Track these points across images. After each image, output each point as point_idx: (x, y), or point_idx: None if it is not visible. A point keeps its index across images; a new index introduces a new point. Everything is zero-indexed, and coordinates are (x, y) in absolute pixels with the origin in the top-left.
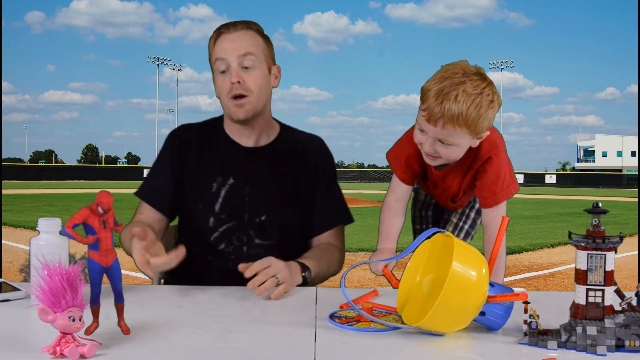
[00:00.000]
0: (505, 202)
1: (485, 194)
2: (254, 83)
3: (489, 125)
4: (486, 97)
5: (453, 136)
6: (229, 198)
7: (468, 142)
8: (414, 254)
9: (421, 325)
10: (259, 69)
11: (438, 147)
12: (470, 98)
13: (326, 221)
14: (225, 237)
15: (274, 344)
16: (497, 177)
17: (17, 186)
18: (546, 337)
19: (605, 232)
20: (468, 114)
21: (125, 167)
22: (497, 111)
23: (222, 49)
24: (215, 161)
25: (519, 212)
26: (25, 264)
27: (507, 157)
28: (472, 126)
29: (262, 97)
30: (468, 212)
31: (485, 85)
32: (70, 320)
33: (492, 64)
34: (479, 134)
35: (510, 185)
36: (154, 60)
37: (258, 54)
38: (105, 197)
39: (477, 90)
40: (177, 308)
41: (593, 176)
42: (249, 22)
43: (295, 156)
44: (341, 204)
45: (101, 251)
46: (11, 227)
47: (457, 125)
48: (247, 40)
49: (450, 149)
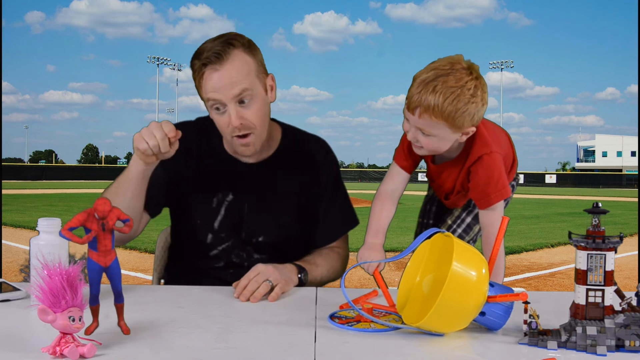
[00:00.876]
0: (501, 203)
1: (477, 195)
2: (256, 118)
3: (473, 121)
4: (467, 92)
5: (431, 127)
6: (228, 216)
7: (449, 135)
8: (413, 254)
9: (421, 325)
10: (257, 99)
11: (419, 137)
12: (450, 90)
13: (330, 233)
14: (224, 256)
15: (274, 344)
16: (489, 178)
17: (17, 186)
18: (546, 337)
19: (605, 232)
20: (444, 107)
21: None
22: (480, 108)
23: (213, 88)
24: (215, 175)
25: (519, 212)
26: (25, 264)
27: (506, 153)
28: (449, 119)
29: (265, 125)
30: (464, 216)
31: (470, 79)
32: (70, 320)
33: (492, 64)
34: (460, 128)
35: (505, 188)
36: (154, 60)
37: (253, 83)
38: (102, 205)
39: (459, 83)
40: (177, 308)
41: (593, 176)
42: (231, 41)
43: (298, 168)
44: (345, 210)
45: (100, 251)
46: (11, 227)
47: (434, 116)
48: (239, 71)
49: (430, 140)
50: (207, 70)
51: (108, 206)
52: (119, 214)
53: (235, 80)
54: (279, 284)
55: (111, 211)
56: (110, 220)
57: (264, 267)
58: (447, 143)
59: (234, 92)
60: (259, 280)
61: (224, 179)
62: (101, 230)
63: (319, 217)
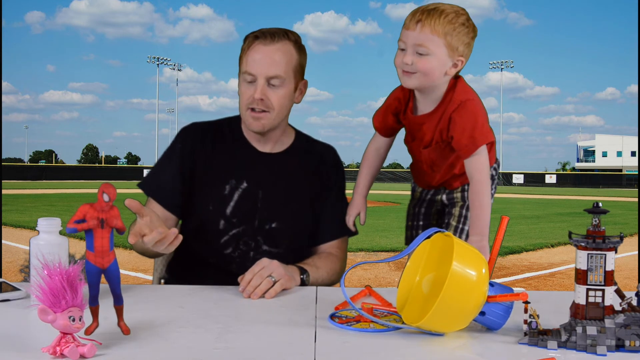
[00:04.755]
0: (485, 149)
1: (464, 140)
2: (277, 101)
3: (464, 50)
4: (462, 17)
5: (430, 41)
6: (241, 202)
7: (444, 58)
8: (413, 253)
9: (421, 325)
10: (285, 87)
11: (416, 60)
12: (446, 11)
13: (331, 231)
14: (234, 241)
15: (274, 344)
16: (475, 121)
17: (17, 186)
18: (546, 337)
19: (605, 232)
20: (444, 22)
21: (125, 167)
22: (471, 36)
23: (253, 61)
24: (229, 163)
25: (519, 212)
26: (25, 264)
27: (482, 108)
28: (447, 36)
29: (282, 114)
30: (465, 212)
31: (461, 9)
32: (70, 320)
33: (492, 64)
34: (454, 52)
35: (489, 131)
36: (154, 60)
37: (288, 73)
38: (111, 187)
39: (453, 8)
40: (177, 308)
41: (593, 176)
42: (287, 32)
43: (309, 165)
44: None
45: (96, 252)
46: (11, 227)
47: (434, 30)
48: (280, 58)
49: (427, 59)
50: (257, 44)
51: (113, 193)
52: (118, 219)
53: (275, 63)
54: (280, 280)
55: (112, 209)
56: (111, 219)
57: (268, 261)
58: (440, 66)
59: (268, 72)
60: (263, 275)
61: (239, 165)
62: (99, 227)
63: (322, 215)
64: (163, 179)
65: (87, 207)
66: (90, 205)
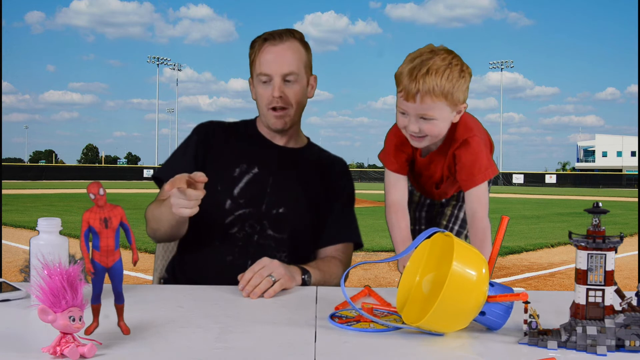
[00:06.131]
0: (485, 183)
1: (463, 176)
2: (294, 97)
3: (465, 96)
4: (456, 68)
5: (433, 109)
6: (250, 185)
7: (448, 115)
8: (413, 253)
9: (421, 325)
10: (300, 83)
11: (421, 125)
12: (441, 70)
13: (337, 234)
14: (239, 222)
15: (274, 344)
16: (475, 160)
17: (17, 186)
18: (546, 337)
19: (606, 232)
20: (442, 85)
21: (125, 167)
22: (468, 81)
23: (266, 62)
24: (243, 150)
25: (519, 212)
26: (25, 264)
27: (486, 140)
28: (448, 96)
29: (300, 109)
30: (457, 212)
31: (452, 57)
32: (70, 320)
33: (492, 64)
34: (457, 105)
35: (489, 168)
36: (154, 60)
37: (300, 69)
38: (94, 186)
39: (445, 62)
40: (177, 308)
41: (593, 176)
42: (293, 32)
43: (320, 168)
44: (354, 225)
45: (102, 251)
46: (11, 227)
47: (435, 97)
48: (291, 56)
49: (433, 124)
50: (267, 45)
51: (96, 189)
52: (122, 216)
53: (287, 60)
54: (280, 279)
55: (115, 208)
56: (114, 218)
57: (269, 260)
58: (446, 124)
59: (283, 70)
60: (263, 274)
61: (253, 154)
62: (103, 228)
63: (329, 217)
64: (178, 167)
65: (87, 214)
66: (89, 211)
